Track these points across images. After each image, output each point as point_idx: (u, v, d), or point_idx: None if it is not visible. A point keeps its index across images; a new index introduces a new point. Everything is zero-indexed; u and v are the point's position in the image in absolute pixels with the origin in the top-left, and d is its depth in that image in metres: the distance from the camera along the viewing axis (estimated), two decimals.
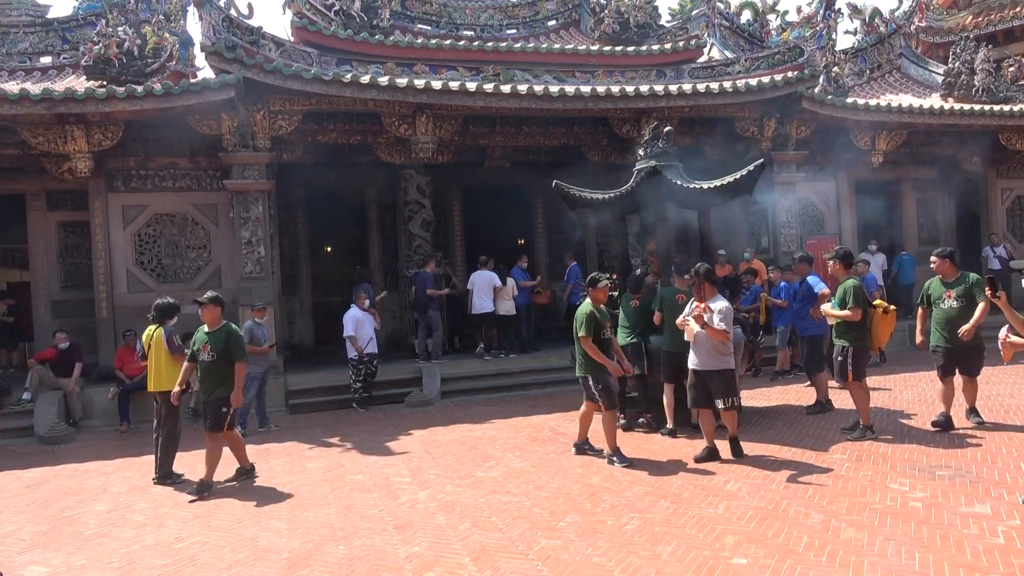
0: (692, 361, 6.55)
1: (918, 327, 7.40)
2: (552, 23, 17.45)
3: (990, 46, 16.85)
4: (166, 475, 6.98)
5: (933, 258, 7.20)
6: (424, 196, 12.44)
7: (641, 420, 8.07)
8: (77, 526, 5.76)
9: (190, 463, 7.27)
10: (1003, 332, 4.85)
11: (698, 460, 6.48)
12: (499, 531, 5.01)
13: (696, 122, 13.55)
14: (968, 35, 17.92)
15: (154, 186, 11.61)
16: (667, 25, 16.88)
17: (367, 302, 10.69)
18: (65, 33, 13.85)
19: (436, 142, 11.85)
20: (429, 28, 15.99)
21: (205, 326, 6.73)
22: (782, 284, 10.48)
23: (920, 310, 7.36)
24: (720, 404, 6.47)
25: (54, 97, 9.76)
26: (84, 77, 11.71)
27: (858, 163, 14.63)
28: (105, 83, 10.86)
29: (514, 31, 16.64)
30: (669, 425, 7.64)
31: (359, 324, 10.33)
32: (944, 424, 7.00)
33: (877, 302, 7.16)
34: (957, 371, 7.04)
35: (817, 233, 14.68)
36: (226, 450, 6.74)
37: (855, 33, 19.98)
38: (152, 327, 7.24)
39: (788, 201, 13.66)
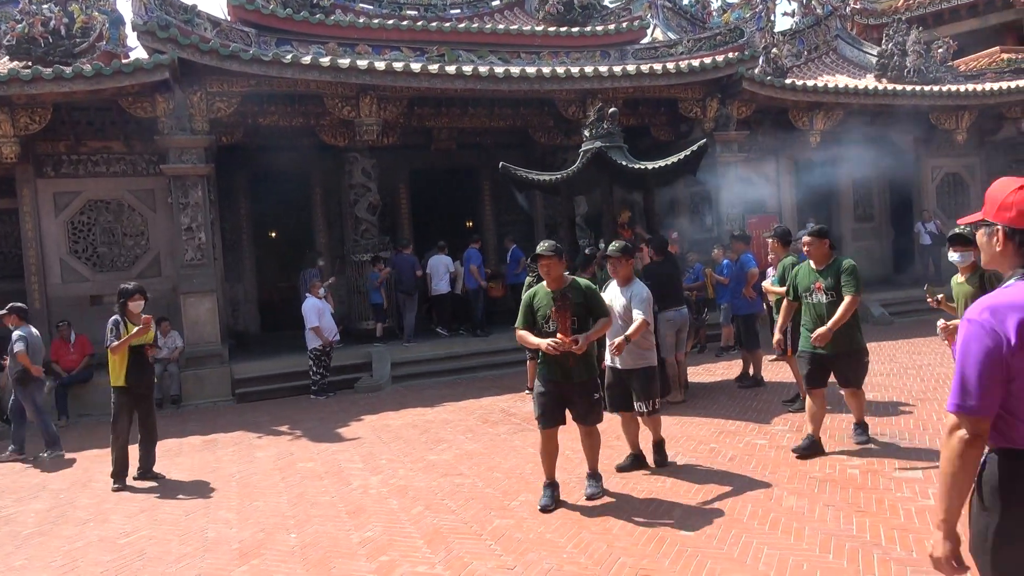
0: (609, 358, 5.67)
1: (778, 322, 6.22)
2: (496, 3, 17.33)
3: (921, 28, 17.44)
4: (112, 474, 6.53)
5: (804, 237, 5.79)
6: (370, 179, 12.28)
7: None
8: (14, 525, 5.57)
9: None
10: (940, 322, 4.63)
11: (620, 469, 5.68)
12: (452, 513, 5.04)
13: (640, 103, 13.68)
14: (900, 17, 18.45)
15: (87, 171, 11.18)
16: (611, 6, 16.95)
17: (322, 290, 10.56)
18: None
19: (381, 124, 11.69)
20: (371, 7, 15.70)
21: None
22: (725, 262, 10.73)
23: (785, 303, 6.03)
24: (641, 408, 5.53)
25: None
26: (7, 57, 11.15)
27: (797, 143, 15.02)
28: (30, 64, 10.36)
29: (458, 11, 16.46)
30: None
31: (321, 314, 10.19)
32: (808, 450, 5.62)
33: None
34: (838, 381, 5.73)
35: (759, 212, 15.04)
36: (173, 443, 6.59)
37: (793, 15, 20.41)
38: None
39: (730, 180, 13.94)
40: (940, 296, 5.36)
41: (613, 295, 5.70)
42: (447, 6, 16.51)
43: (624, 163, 8.33)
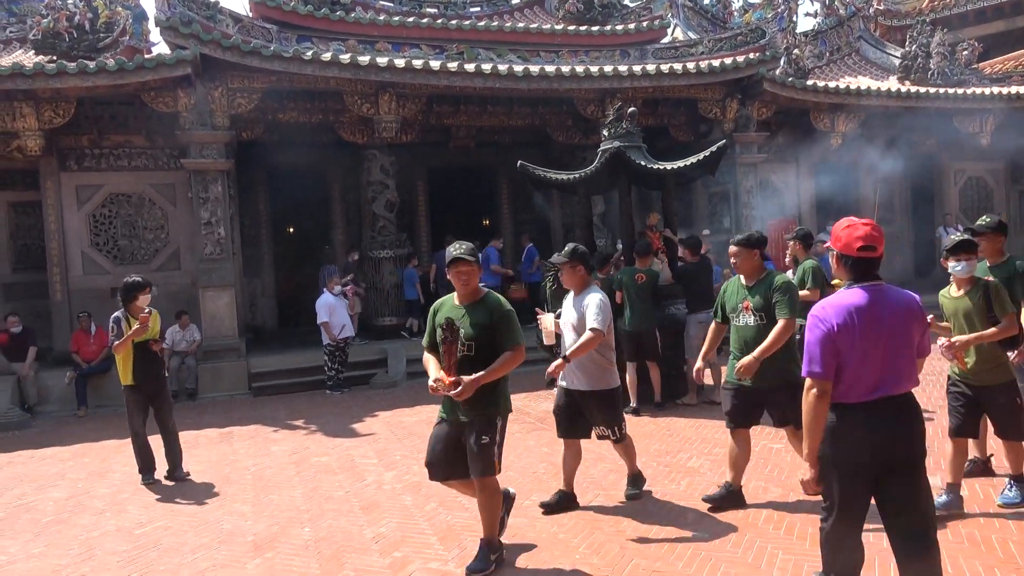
0: (562, 377, 4.86)
1: (703, 349, 5.17)
2: (516, 1, 17.32)
3: (945, 30, 17.20)
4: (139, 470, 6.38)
5: (732, 247, 4.79)
6: (388, 176, 12.31)
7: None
8: (34, 513, 5.64)
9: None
10: (942, 341, 4.40)
11: (545, 508, 4.88)
12: (465, 510, 5.04)
13: (660, 103, 13.62)
14: (924, 19, 18.24)
15: (109, 165, 11.30)
16: (631, 5, 16.90)
17: (337, 287, 10.60)
18: (11, 6, 13.34)
19: (400, 121, 11.72)
20: (392, 5, 15.76)
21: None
22: None
23: (713, 325, 5.06)
24: (605, 433, 4.85)
25: (0, 72, 9.41)
26: (32, 52, 11.30)
27: (818, 145, 14.86)
28: (55, 58, 10.50)
29: (478, 9, 16.47)
30: (632, 404, 7.73)
31: (332, 310, 10.23)
32: (723, 500, 4.77)
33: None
34: (772, 419, 4.77)
35: (777, 214, 14.91)
36: (189, 435, 6.63)
37: (815, 15, 20.25)
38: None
39: (749, 182, 13.84)
40: (930, 317, 4.76)
41: (566, 307, 4.96)
42: (467, 4, 16.54)
43: (643, 163, 8.29)
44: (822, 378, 2.87)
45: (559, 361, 4.59)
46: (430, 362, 4.06)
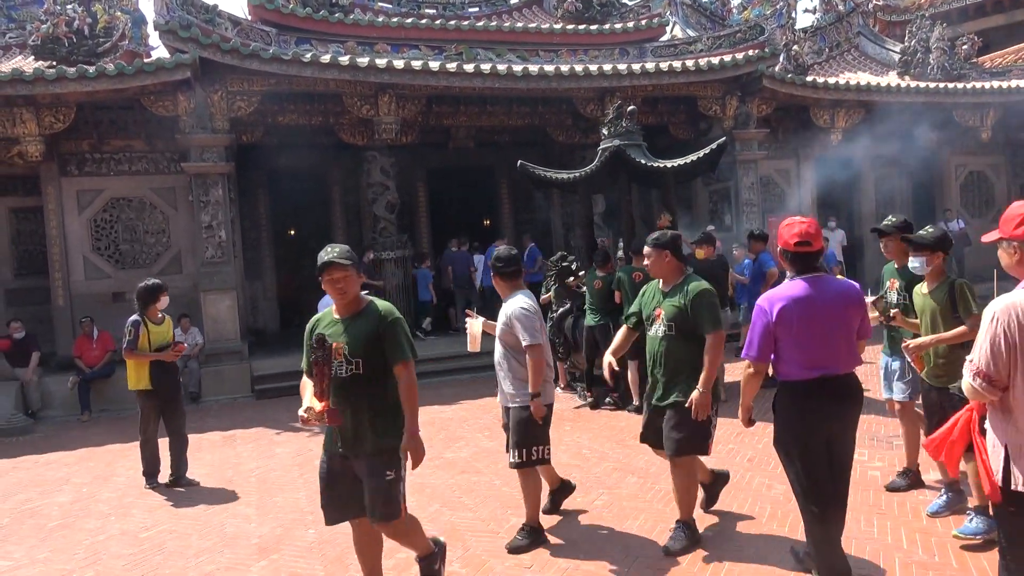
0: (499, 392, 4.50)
1: (612, 347, 4.61)
2: (514, 1, 17.32)
3: (945, 24, 17.16)
4: (144, 473, 6.33)
5: (645, 248, 4.34)
6: (388, 178, 12.31)
7: (608, 400, 8.16)
8: (39, 518, 5.65)
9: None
10: (907, 343, 4.22)
11: (512, 550, 4.29)
12: (469, 511, 5.05)
13: (659, 101, 13.61)
14: (924, 14, 18.20)
15: (109, 170, 11.30)
16: (630, 3, 16.87)
17: None
18: (10, 11, 13.37)
19: (399, 123, 11.73)
20: (390, 6, 15.75)
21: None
22: (746, 261, 10.63)
23: (624, 329, 4.59)
24: (510, 458, 4.33)
25: (0, 78, 9.42)
26: (32, 57, 11.31)
27: (818, 141, 14.87)
28: (55, 63, 10.50)
29: (476, 9, 16.46)
30: (635, 402, 7.74)
31: None
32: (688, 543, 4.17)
33: (837, 277, 7.31)
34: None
35: (779, 210, 14.90)
36: (193, 439, 6.63)
37: (814, 12, 20.23)
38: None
39: (750, 179, 13.83)
40: (894, 312, 4.41)
41: (501, 313, 4.43)
42: (465, 4, 16.53)
43: (643, 161, 8.29)
44: (755, 360, 3.33)
45: (536, 402, 4.19)
46: (306, 388, 3.47)
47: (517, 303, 4.29)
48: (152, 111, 10.55)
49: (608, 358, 4.53)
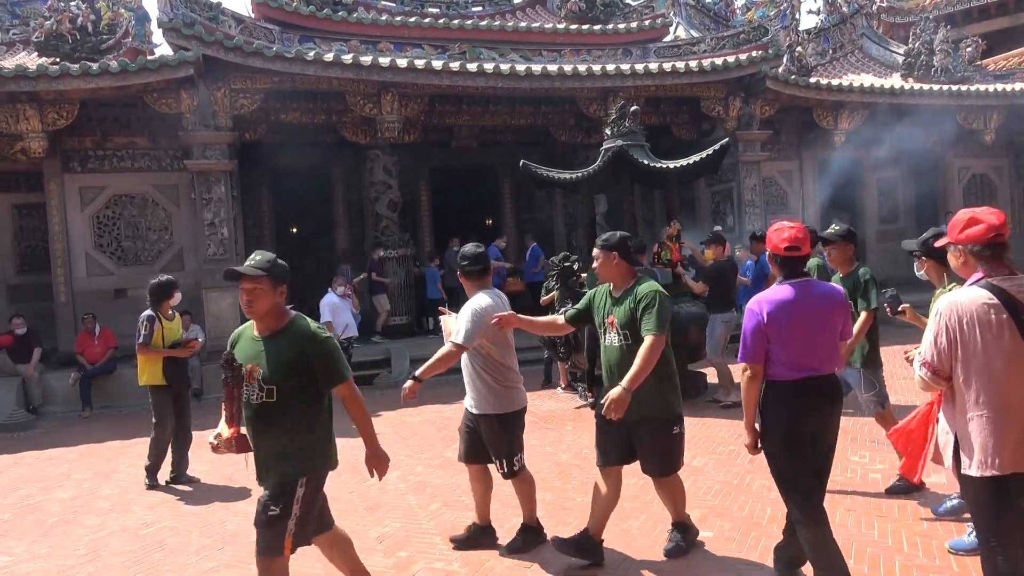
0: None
1: (526, 323, 4.30)
2: (518, 0, 17.32)
3: (949, 26, 17.17)
4: (146, 469, 6.22)
5: (594, 251, 3.99)
6: (390, 176, 12.32)
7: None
8: (40, 514, 5.65)
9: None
10: (912, 354, 3.73)
11: (455, 542, 4.36)
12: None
13: (662, 101, 13.61)
14: (928, 15, 18.18)
15: (112, 167, 11.33)
16: (633, 3, 16.85)
17: (340, 288, 10.61)
18: (14, 8, 13.37)
19: (402, 121, 11.73)
20: (394, 5, 15.75)
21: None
22: (748, 262, 10.62)
23: (551, 317, 4.58)
24: (499, 468, 4.20)
25: (4, 74, 9.45)
26: (36, 54, 11.33)
27: (821, 142, 14.86)
28: (58, 60, 10.52)
29: (480, 8, 16.46)
30: None
31: (336, 310, 10.21)
32: (579, 549, 4.00)
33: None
34: (641, 466, 3.96)
35: (781, 212, 14.89)
36: (194, 436, 6.63)
37: (818, 13, 20.19)
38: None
39: (752, 180, 13.82)
40: (906, 306, 4.31)
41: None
42: (469, 3, 16.53)
43: (645, 162, 8.28)
44: (753, 362, 3.34)
45: (410, 382, 4.01)
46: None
47: (476, 301, 4.10)
48: (155, 108, 10.56)
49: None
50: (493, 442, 4.15)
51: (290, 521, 3.07)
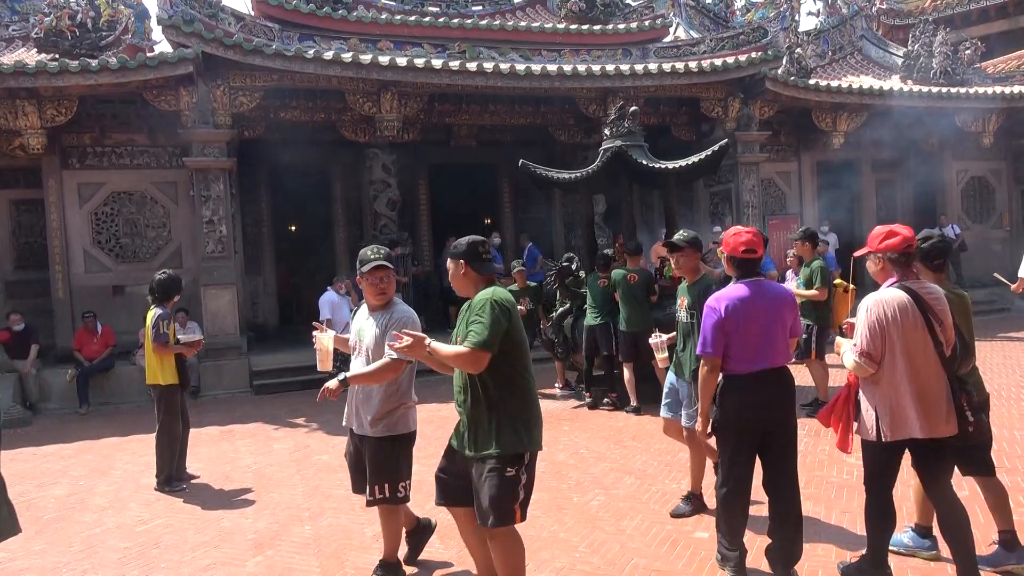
0: (346, 417, 4.11)
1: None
2: (518, 0, 17.32)
3: (948, 29, 17.18)
4: (165, 479, 6.02)
5: (448, 261, 3.50)
6: (390, 175, 12.31)
7: (606, 400, 8.17)
8: (35, 510, 5.65)
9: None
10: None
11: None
12: None
13: (662, 102, 13.61)
14: (927, 18, 18.20)
15: (111, 163, 11.32)
16: (633, 4, 16.87)
17: (343, 287, 10.62)
18: (13, 4, 13.34)
19: (401, 120, 11.72)
20: (394, 4, 15.74)
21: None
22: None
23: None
24: (368, 494, 3.86)
25: (3, 71, 9.43)
26: (35, 50, 11.32)
27: (820, 144, 14.87)
28: (57, 56, 10.51)
29: (480, 8, 16.45)
30: (633, 403, 7.75)
31: (335, 308, 10.22)
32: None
33: (837, 281, 7.32)
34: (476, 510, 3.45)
35: (780, 213, 14.91)
36: (191, 433, 6.62)
37: (818, 14, 20.20)
38: (152, 309, 6.13)
39: (751, 181, 13.83)
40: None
41: (360, 324, 3.95)
42: (469, 2, 16.53)
43: (644, 162, 8.29)
44: (711, 356, 3.60)
45: (334, 383, 3.67)
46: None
47: (405, 310, 3.84)
48: (154, 106, 10.55)
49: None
50: (377, 465, 3.85)
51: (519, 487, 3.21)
